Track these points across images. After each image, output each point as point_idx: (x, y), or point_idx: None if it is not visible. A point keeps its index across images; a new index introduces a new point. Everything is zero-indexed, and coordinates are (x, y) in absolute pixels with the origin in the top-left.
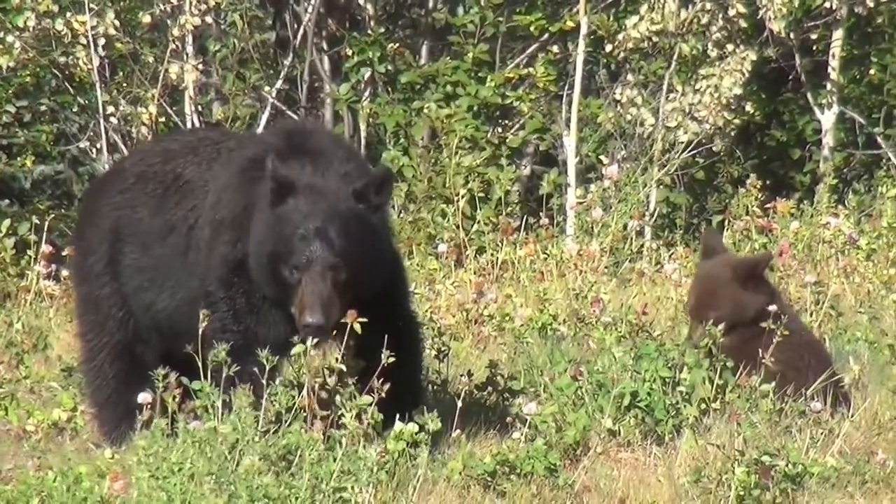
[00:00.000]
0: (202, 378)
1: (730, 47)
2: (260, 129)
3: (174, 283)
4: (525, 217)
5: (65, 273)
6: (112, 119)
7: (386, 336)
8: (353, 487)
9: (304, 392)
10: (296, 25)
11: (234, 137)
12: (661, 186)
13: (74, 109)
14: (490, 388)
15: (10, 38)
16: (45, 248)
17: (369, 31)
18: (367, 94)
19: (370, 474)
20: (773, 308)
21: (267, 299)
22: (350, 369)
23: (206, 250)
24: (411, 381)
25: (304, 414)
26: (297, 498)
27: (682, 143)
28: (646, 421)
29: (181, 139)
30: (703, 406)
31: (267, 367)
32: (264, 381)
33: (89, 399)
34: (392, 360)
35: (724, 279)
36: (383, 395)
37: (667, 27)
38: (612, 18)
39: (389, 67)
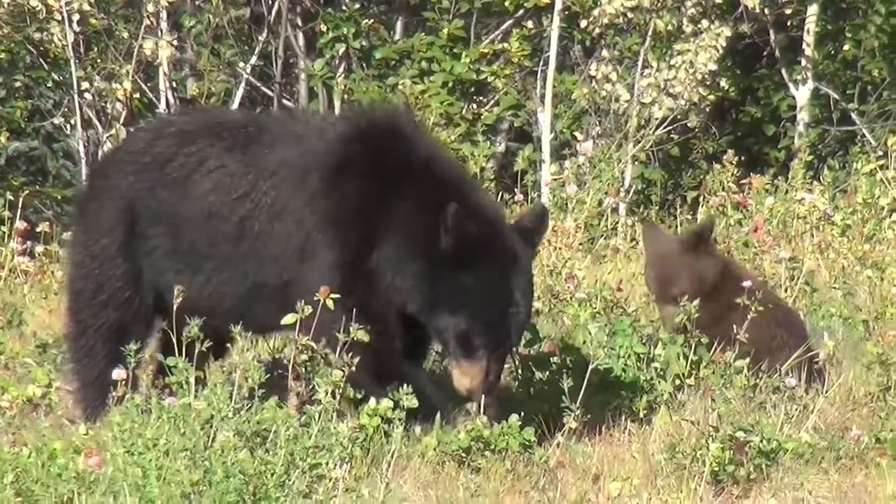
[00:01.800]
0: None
1: (704, 23)
2: (234, 106)
3: (215, 267)
4: (500, 193)
5: (40, 249)
6: (87, 95)
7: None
8: (327, 463)
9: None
10: (270, 1)
11: (266, 124)
12: (636, 162)
13: (49, 85)
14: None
15: None
16: (20, 225)
17: (344, 7)
18: (341, 69)
19: (343, 450)
20: (747, 284)
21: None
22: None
23: (298, 250)
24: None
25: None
26: (272, 474)
27: (657, 118)
28: (620, 397)
29: (194, 120)
30: (678, 382)
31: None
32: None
33: (73, 376)
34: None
35: (675, 254)
36: (353, 368)
37: (642, 3)
38: None
39: (364, 43)
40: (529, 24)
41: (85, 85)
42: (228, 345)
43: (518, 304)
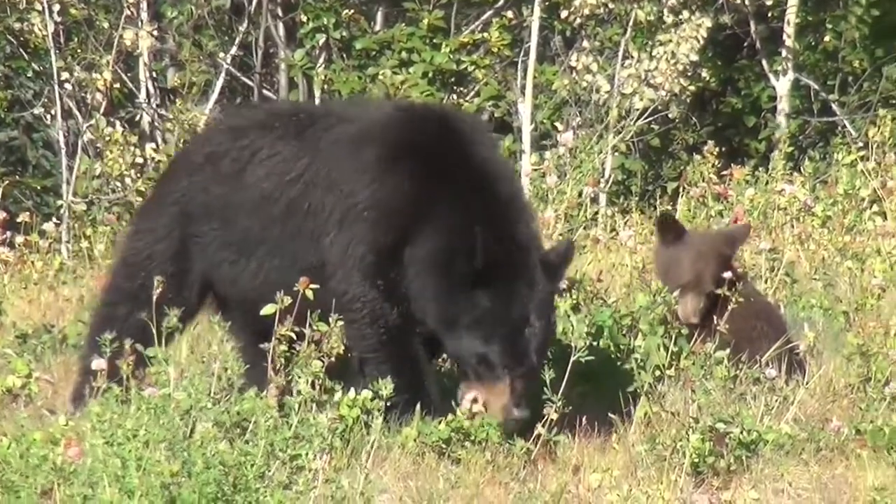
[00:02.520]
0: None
1: (685, 14)
2: (214, 96)
3: (266, 251)
4: None
5: (20, 240)
6: (67, 85)
7: None
8: (307, 454)
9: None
10: None
11: (316, 112)
12: (617, 153)
13: (29, 75)
14: (437, 355)
15: None
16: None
17: None
18: (321, 60)
19: (322, 441)
20: (728, 275)
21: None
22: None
23: (340, 235)
24: None
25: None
26: (252, 465)
27: (638, 109)
28: (601, 388)
29: (246, 115)
30: (658, 373)
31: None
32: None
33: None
34: None
35: (715, 252)
36: (332, 359)
37: None
38: None
39: (344, 34)
40: (510, 14)
41: (65, 75)
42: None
43: (534, 326)
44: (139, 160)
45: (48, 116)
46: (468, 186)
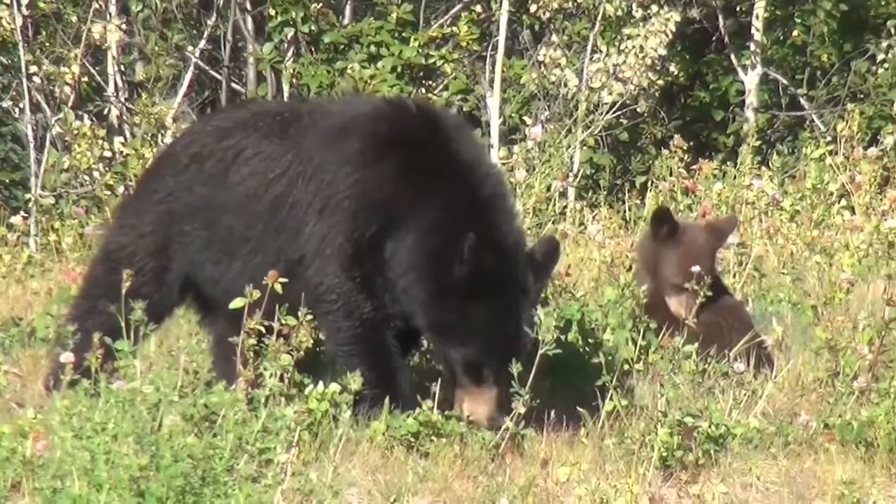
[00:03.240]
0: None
1: (654, 8)
2: (183, 90)
3: (250, 250)
4: None
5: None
6: (35, 79)
7: None
8: (275, 448)
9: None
10: None
11: (301, 109)
12: (585, 147)
13: None
14: (412, 350)
15: None
16: None
17: None
18: (290, 54)
19: (290, 434)
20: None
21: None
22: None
23: (319, 225)
24: None
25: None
26: (220, 458)
27: (606, 103)
28: (569, 382)
29: (231, 116)
30: (627, 367)
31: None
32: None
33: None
34: None
35: (710, 248)
36: (301, 353)
37: None
38: None
39: (313, 27)
40: (478, 8)
41: (33, 68)
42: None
43: (524, 336)
44: (107, 154)
45: (16, 110)
46: (454, 183)
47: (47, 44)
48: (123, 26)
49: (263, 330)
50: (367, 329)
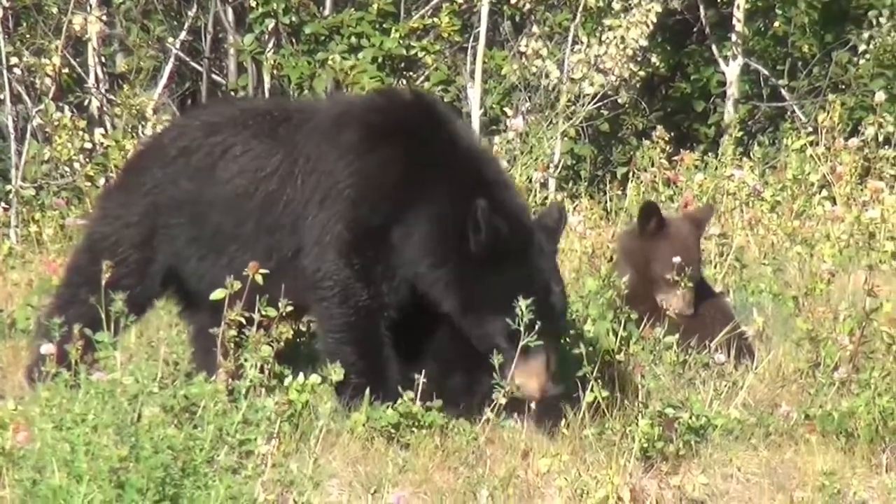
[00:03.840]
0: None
1: None
2: (163, 82)
3: (239, 247)
4: None
5: None
6: (16, 70)
7: None
8: (255, 439)
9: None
10: None
11: (290, 108)
12: (566, 138)
13: None
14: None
15: None
16: None
17: None
18: (271, 45)
19: (270, 425)
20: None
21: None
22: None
23: (319, 215)
24: None
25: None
26: (200, 449)
27: (588, 94)
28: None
29: (220, 112)
30: (608, 358)
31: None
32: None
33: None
34: None
35: (696, 240)
36: (282, 345)
37: None
38: None
39: (294, 18)
40: None
41: (14, 60)
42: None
43: (554, 291)
44: (88, 145)
45: None
46: (457, 168)
47: (28, 35)
48: (104, 18)
49: (244, 321)
50: (361, 317)
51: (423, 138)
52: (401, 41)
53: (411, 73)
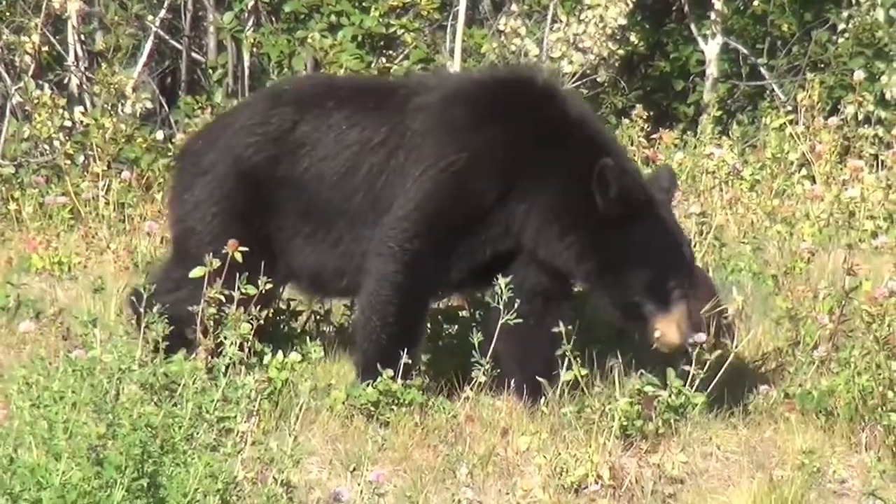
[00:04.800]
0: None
1: None
2: (143, 60)
3: (347, 223)
4: None
5: None
6: None
7: None
8: (235, 416)
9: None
10: None
11: (398, 83)
12: None
13: None
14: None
15: None
16: None
17: None
18: (250, 23)
19: (250, 403)
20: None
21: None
22: None
23: (412, 188)
24: None
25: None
26: (179, 427)
27: (567, 73)
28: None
29: (311, 86)
30: (587, 336)
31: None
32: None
33: None
34: None
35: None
36: (261, 322)
37: None
38: None
39: None
40: None
41: None
42: None
43: (683, 241)
44: (67, 123)
45: None
46: (569, 136)
47: (7, 13)
48: None
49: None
50: (413, 292)
51: (532, 113)
52: (380, 19)
53: (391, 52)
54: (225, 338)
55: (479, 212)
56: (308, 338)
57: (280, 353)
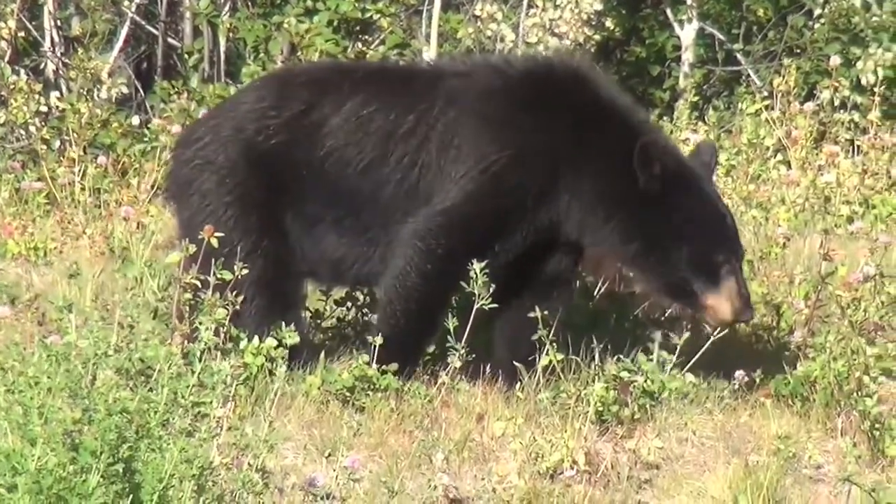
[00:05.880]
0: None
1: None
2: (119, 45)
3: (374, 211)
4: None
5: None
6: None
7: None
8: (210, 402)
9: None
10: None
11: (415, 68)
12: None
13: None
14: (349, 303)
15: None
16: None
17: None
18: (226, 8)
19: (226, 388)
20: None
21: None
22: None
23: (451, 186)
24: None
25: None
26: (154, 412)
27: None
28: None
29: (322, 69)
30: (563, 321)
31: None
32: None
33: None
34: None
35: None
36: (236, 307)
37: None
38: None
39: None
40: None
41: None
42: None
43: (726, 213)
44: (44, 108)
45: None
46: (606, 121)
47: None
48: None
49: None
50: (441, 289)
51: (568, 102)
52: (356, 4)
53: (367, 37)
54: (200, 323)
55: (521, 209)
56: (283, 323)
57: (255, 339)
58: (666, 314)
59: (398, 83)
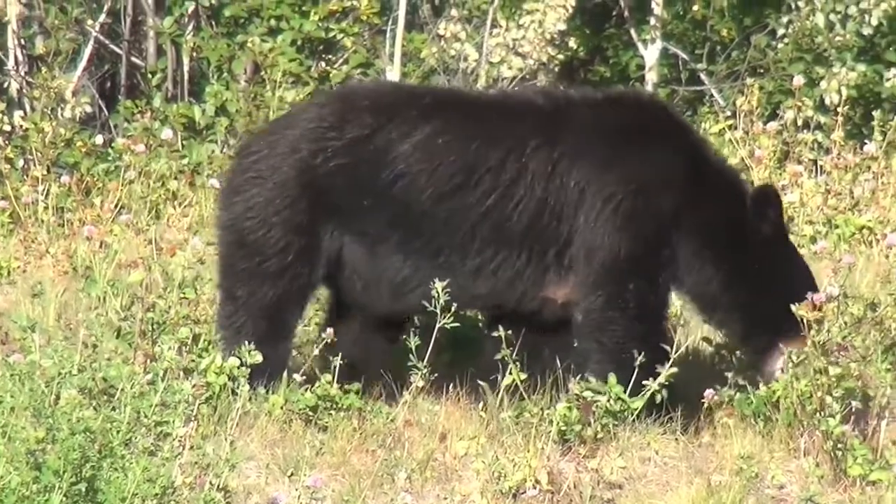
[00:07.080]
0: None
1: None
2: (83, 64)
3: (449, 238)
4: None
5: None
6: None
7: None
8: (173, 421)
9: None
10: None
11: (486, 96)
12: None
13: None
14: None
15: None
16: None
17: None
18: (190, 27)
19: (186, 407)
20: None
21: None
22: None
23: (584, 215)
24: None
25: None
26: (117, 431)
27: (506, 78)
28: (467, 356)
29: (387, 93)
30: (526, 341)
31: None
32: None
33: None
34: None
35: None
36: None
37: None
38: None
39: (213, 1)
40: None
41: None
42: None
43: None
44: (7, 127)
45: None
46: (705, 167)
47: None
48: (23, 0)
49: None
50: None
51: (668, 137)
52: (319, 24)
53: (330, 56)
54: (163, 343)
55: (659, 238)
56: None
57: (218, 358)
58: None
59: (474, 113)
